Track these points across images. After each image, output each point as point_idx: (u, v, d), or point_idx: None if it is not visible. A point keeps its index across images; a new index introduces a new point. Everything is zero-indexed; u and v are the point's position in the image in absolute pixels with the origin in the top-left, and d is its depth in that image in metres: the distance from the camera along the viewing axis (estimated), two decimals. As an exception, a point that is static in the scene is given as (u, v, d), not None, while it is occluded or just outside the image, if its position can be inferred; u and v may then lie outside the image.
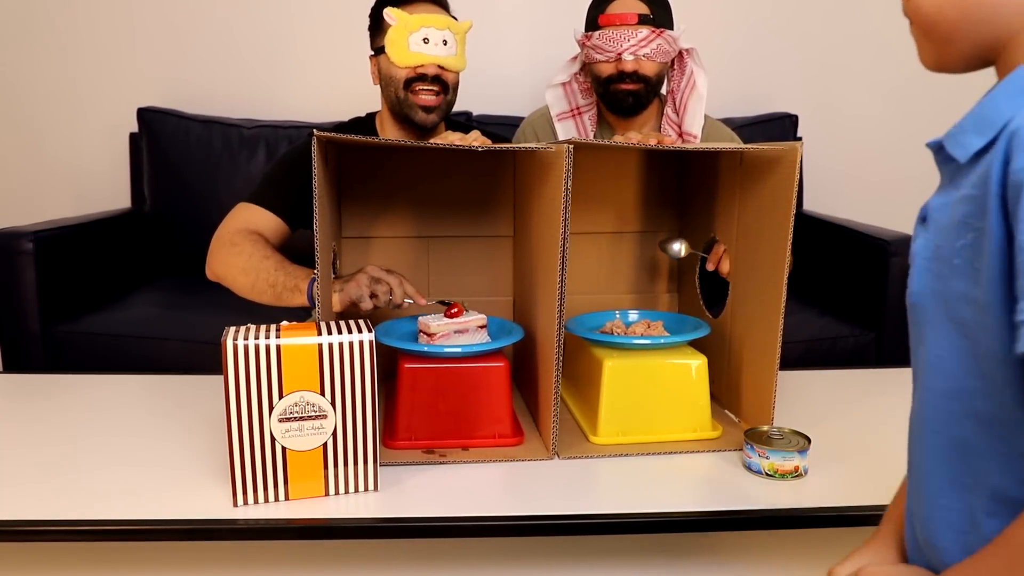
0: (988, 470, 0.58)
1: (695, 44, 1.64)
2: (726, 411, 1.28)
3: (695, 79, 1.61)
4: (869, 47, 2.64)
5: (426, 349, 1.12)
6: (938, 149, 0.61)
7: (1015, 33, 0.57)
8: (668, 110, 1.65)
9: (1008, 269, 0.52)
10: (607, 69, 1.57)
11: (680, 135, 1.63)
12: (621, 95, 1.57)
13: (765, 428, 1.10)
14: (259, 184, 1.50)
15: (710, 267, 1.32)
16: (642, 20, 1.53)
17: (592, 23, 1.58)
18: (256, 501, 0.94)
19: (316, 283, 1.22)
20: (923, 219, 0.63)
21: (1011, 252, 0.51)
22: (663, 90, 1.67)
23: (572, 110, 1.69)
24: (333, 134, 1.04)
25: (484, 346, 1.14)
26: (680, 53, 1.61)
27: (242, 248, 1.34)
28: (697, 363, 1.16)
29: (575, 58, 1.65)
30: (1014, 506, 0.56)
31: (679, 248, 1.34)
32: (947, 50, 0.62)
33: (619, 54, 1.53)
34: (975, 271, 0.55)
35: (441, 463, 1.08)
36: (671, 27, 1.58)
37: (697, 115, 1.61)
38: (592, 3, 1.61)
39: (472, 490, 1.01)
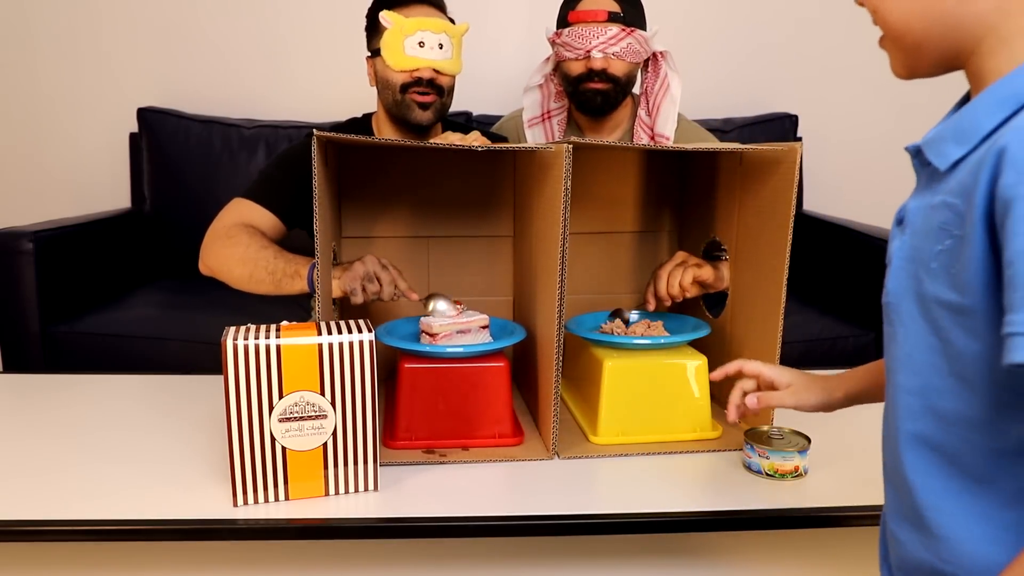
0: (957, 461, 0.62)
1: (696, 44, 1.64)
2: (726, 411, 1.28)
3: (669, 82, 1.59)
4: (869, 47, 2.63)
5: (427, 349, 1.12)
6: (916, 153, 0.64)
7: (980, 40, 0.60)
8: (641, 112, 1.64)
9: (995, 281, 0.55)
10: (576, 68, 1.56)
11: (652, 137, 1.63)
12: (590, 95, 1.56)
13: (765, 428, 1.10)
14: (256, 181, 1.49)
15: (651, 308, 1.28)
16: (612, 18, 1.51)
17: (562, 20, 1.57)
18: (256, 501, 0.94)
19: (317, 268, 1.22)
20: (900, 221, 0.66)
21: (998, 264, 0.54)
22: (637, 91, 1.66)
23: (542, 115, 1.68)
24: (333, 134, 1.04)
25: (484, 346, 1.14)
26: (655, 56, 1.60)
27: (239, 240, 1.33)
28: (697, 363, 1.16)
29: (549, 58, 1.65)
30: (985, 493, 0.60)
31: (627, 315, 1.31)
32: (916, 59, 0.65)
33: (588, 51, 1.51)
34: (952, 276, 0.58)
35: (441, 463, 1.08)
36: (643, 27, 1.56)
37: (670, 117, 1.60)
38: (564, 1, 1.60)
39: (472, 490, 1.01)
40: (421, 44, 1.41)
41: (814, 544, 1.05)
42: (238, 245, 1.32)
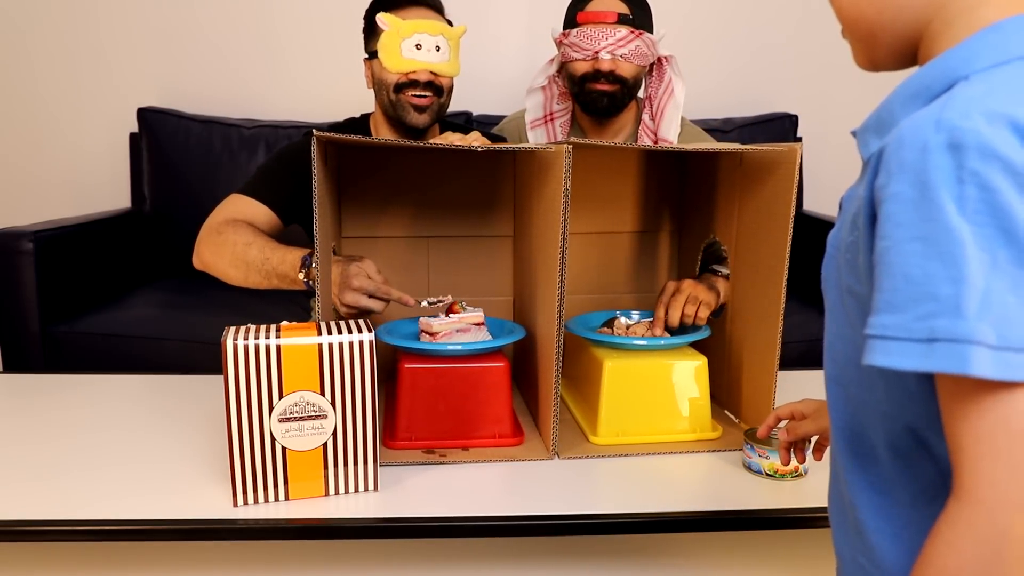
0: (871, 454, 0.62)
1: (696, 44, 1.63)
2: (726, 411, 1.28)
3: (673, 87, 1.59)
4: (869, 47, 2.64)
5: (427, 347, 1.12)
6: (854, 136, 0.63)
7: (928, 23, 0.59)
8: (645, 116, 1.64)
9: (865, 258, 0.55)
10: (583, 68, 1.55)
11: (656, 141, 1.63)
12: (596, 95, 1.56)
13: (765, 428, 1.10)
14: (254, 177, 1.49)
15: (657, 333, 1.25)
16: (621, 20, 1.51)
17: (570, 21, 1.57)
18: (256, 501, 0.94)
19: (316, 274, 1.21)
20: (840, 207, 0.65)
21: None
22: (641, 95, 1.66)
23: (544, 116, 1.68)
24: (333, 134, 1.04)
25: (485, 344, 1.14)
26: (659, 60, 1.60)
27: (226, 238, 1.33)
28: (697, 364, 1.16)
29: (552, 60, 1.65)
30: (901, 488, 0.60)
31: (623, 320, 1.30)
32: (874, 47, 0.64)
33: (596, 52, 1.51)
34: (857, 266, 0.58)
35: (441, 463, 1.08)
36: (650, 30, 1.56)
37: (673, 122, 1.60)
38: (571, 1, 1.60)
39: (472, 490, 1.01)
40: (418, 46, 1.40)
41: (814, 544, 1.05)
42: (225, 244, 1.33)
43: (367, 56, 1.51)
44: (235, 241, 1.32)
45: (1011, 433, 0.47)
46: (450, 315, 1.19)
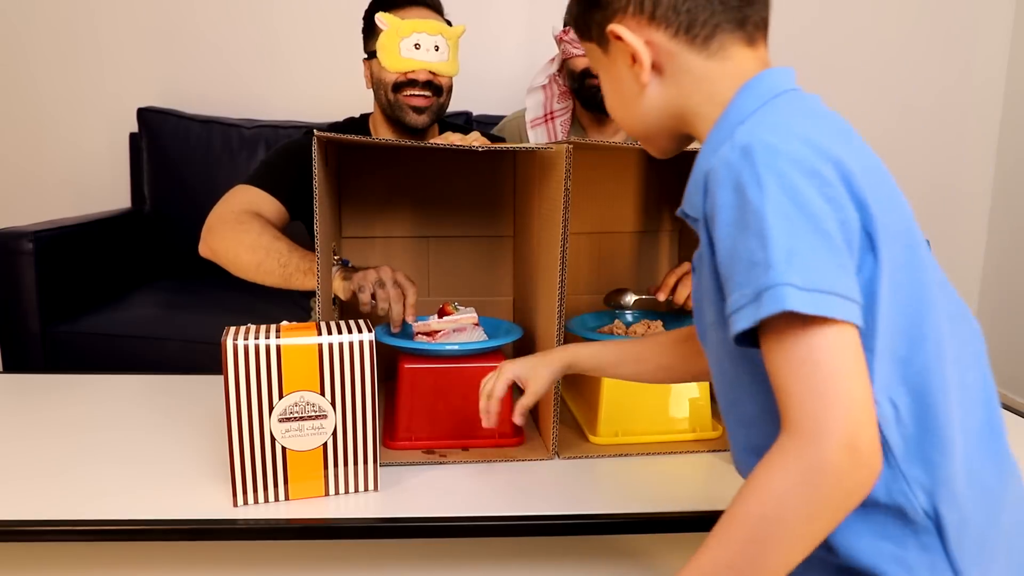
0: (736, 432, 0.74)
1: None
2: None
3: None
4: (869, 47, 2.64)
5: (426, 347, 1.12)
6: (684, 217, 0.72)
7: (680, 117, 0.72)
8: None
9: (718, 287, 0.64)
10: (583, 63, 1.56)
11: None
12: (596, 91, 1.56)
13: (765, 428, 1.10)
14: (259, 169, 1.48)
15: (661, 298, 1.27)
16: None
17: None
18: (256, 501, 0.94)
19: (336, 268, 1.21)
20: (694, 269, 0.74)
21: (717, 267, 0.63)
22: None
23: (545, 115, 1.68)
24: (334, 134, 1.04)
25: (484, 344, 1.13)
26: None
27: (250, 227, 1.31)
28: (697, 363, 1.16)
29: (553, 59, 1.65)
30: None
31: (628, 299, 1.31)
32: (654, 144, 0.78)
33: None
34: (711, 304, 0.68)
35: (441, 463, 1.08)
36: None
37: None
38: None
39: (472, 490, 1.01)
40: (417, 46, 1.41)
41: (814, 544, 1.05)
42: (249, 232, 1.30)
43: (366, 56, 1.51)
44: (261, 231, 1.30)
45: (816, 364, 0.55)
46: (443, 317, 1.18)
